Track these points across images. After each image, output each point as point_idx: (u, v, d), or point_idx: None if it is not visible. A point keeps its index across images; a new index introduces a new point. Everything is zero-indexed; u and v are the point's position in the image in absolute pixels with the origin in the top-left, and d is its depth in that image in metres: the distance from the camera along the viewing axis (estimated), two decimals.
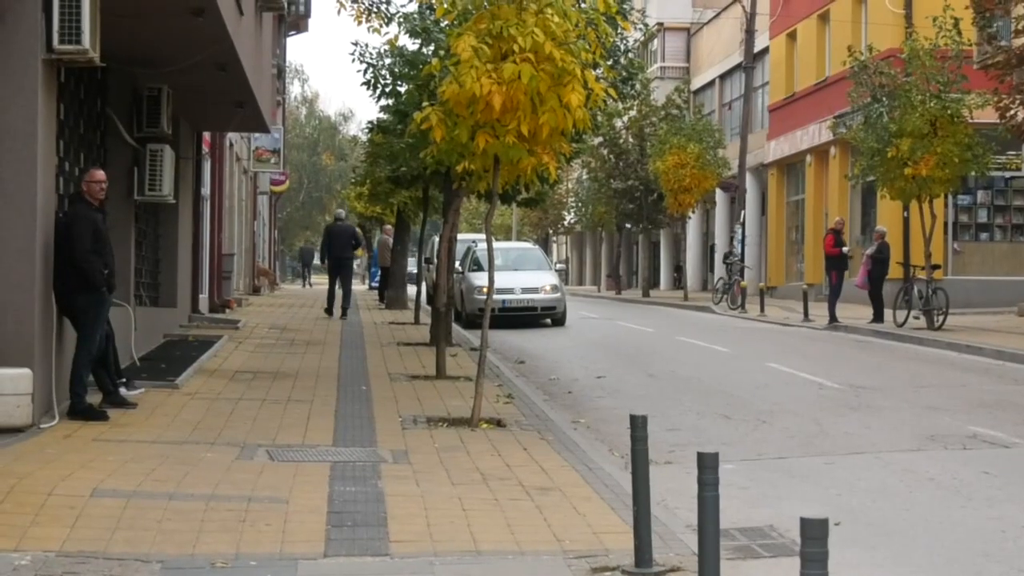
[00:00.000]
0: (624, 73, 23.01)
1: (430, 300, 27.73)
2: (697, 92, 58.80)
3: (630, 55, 24.39)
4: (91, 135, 16.67)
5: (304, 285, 70.49)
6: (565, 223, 75.67)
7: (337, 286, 31.60)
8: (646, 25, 29.73)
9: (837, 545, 6.04)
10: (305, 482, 10.30)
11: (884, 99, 28.39)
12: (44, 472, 10.10)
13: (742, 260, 43.20)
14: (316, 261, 60.10)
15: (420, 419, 14.05)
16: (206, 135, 28.13)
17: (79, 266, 12.96)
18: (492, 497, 9.96)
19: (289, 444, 12.24)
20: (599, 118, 22.97)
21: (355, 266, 41.35)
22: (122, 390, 14.28)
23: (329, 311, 31.58)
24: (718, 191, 50.81)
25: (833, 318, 30.09)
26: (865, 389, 17.93)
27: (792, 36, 46.59)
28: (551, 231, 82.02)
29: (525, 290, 31.99)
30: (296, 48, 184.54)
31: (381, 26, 19.88)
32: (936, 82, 27.26)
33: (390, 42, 18.68)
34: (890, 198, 29.89)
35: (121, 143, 18.15)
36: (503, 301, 30.91)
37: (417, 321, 29.63)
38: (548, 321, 32.34)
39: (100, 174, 13.67)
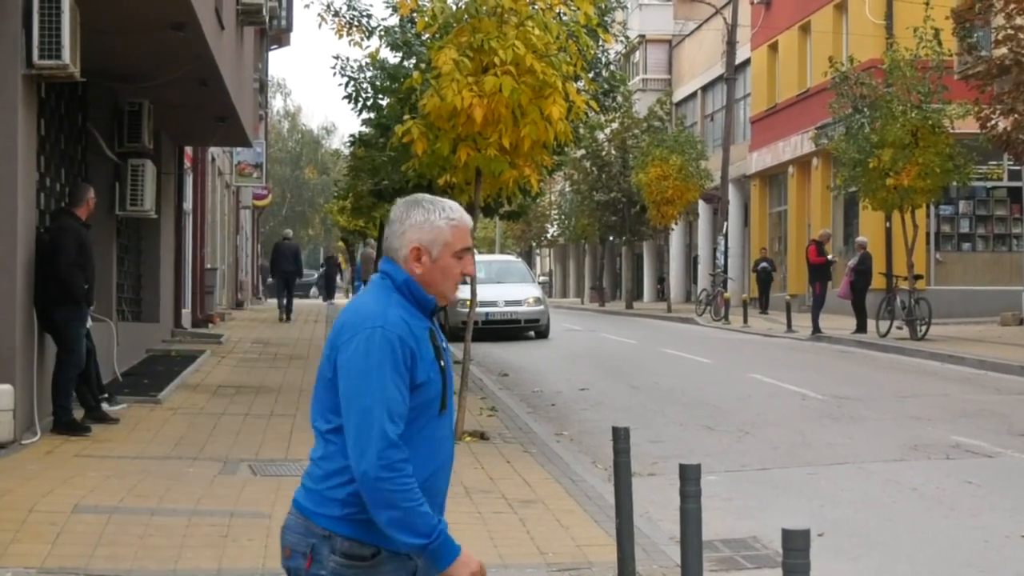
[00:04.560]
0: (606, 85, 23.04)
1: None
2: (679, 104, 58.90)
3: (611, 67, 24.42)
4: (72, 150, 16.63)
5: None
6: (548, 236, 75.71)
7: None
8: (627, 37, 29.70)
9: (820, 556, 6.04)
10: (288, 497, 10.17)
11: (865, 110, 28.49)
12: (25, 488, 10.05)
13: (725, 271, 43.27)
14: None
15: None
16: (188, 150, 28.09)
17: (61, 277, 12.91)
18: (475, 510, 9.95)
19: (272, 459, 12.21)
20: (581, 130, 22.97)
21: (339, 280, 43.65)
22: (104, 405, 14.25)
23: (282, 318, 35.30)
24: (701, 203, 50.87)
25: (816, 329, 30.12)
26: (848, 399, 17.95)
27: (774, 47, 46.70)
28: (534, 244, 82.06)
29: (508, 303, 31.99)
30: (278, 62, 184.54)
31: (362, 39, 19.87)
32: (917, 92, 27.35)
33: (371, 55, 18.67)
34: (872, 209, 29.95)
35: (102, 158, 18.12)
36: (486, 314, 30.90)
37: None
38: (531, 334, 32.34)
39: (92, 190, 13.76)
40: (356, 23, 20.06)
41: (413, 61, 19.07)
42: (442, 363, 4.20)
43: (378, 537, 4.03)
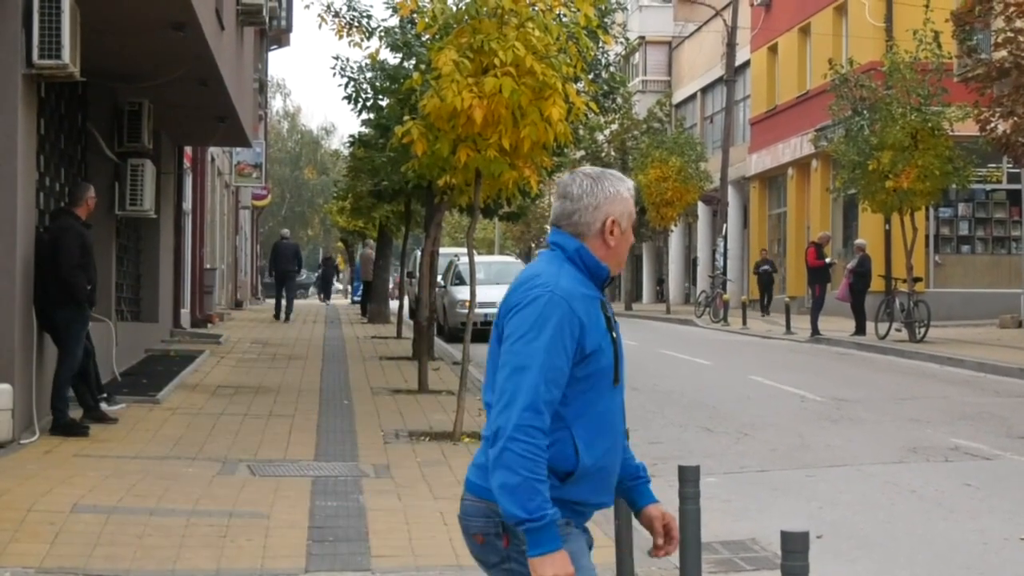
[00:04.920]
0: (606, 87, 23.08)
1: (412, 314, 27.73)
2: (679, 105, 58.89)
3: (611, 69, 24.45)
4: (72, 150, 16.63)
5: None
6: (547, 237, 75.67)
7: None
8: (627, 39, 29.77)
9: (819, 558, 6.04)
10: (286, 497, 10.27)
11: (865, 112, 28.50)
12: (24, 488, 10.05)
13: (724, 273, 43.26)
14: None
15: (402, 433, 14.02)
16: (187, 150, 28.09)
17: (64, 279, 12.89)
18: None
19: (270, 459, 12.21)
20: (581, 132, 22.99)
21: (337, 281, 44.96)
22: (103, 405, 14.23)
23: (277, 317, 36.22)
24: (700, 204, 50.85)
25: (815, 331, 30.11)
26: (847, 402, 17.94)
27: (773, 49, 46.70)
28: (533, 245, 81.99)
29: None
30: (278, 62, 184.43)
31: (362, 40, 19.86)
32: (917, 95, 27.37)
33: (371, 56, 18.67)
34: (871, 211, 29.96)
35: (102, 158, 18.12)
36: (485, 315, 30.76)
37: (399, 335, 29.61)
38: None
39: (92, 189, 13.76)
40: (356, 24, 20.04)
41: (413, 62, 19.06)
42: (614, 334, 4.18)
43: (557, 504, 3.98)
